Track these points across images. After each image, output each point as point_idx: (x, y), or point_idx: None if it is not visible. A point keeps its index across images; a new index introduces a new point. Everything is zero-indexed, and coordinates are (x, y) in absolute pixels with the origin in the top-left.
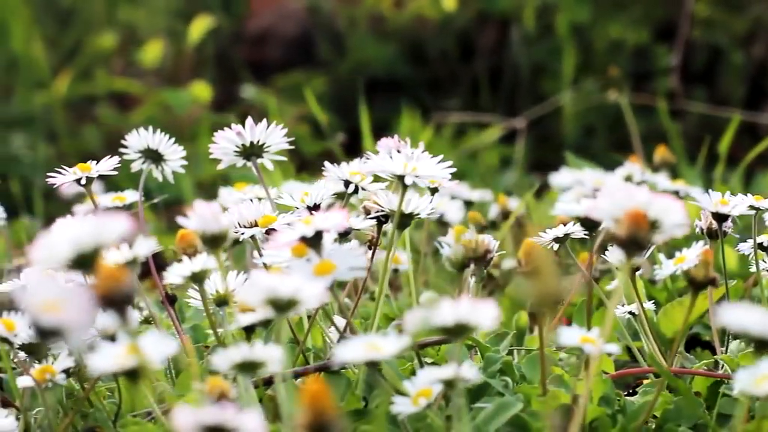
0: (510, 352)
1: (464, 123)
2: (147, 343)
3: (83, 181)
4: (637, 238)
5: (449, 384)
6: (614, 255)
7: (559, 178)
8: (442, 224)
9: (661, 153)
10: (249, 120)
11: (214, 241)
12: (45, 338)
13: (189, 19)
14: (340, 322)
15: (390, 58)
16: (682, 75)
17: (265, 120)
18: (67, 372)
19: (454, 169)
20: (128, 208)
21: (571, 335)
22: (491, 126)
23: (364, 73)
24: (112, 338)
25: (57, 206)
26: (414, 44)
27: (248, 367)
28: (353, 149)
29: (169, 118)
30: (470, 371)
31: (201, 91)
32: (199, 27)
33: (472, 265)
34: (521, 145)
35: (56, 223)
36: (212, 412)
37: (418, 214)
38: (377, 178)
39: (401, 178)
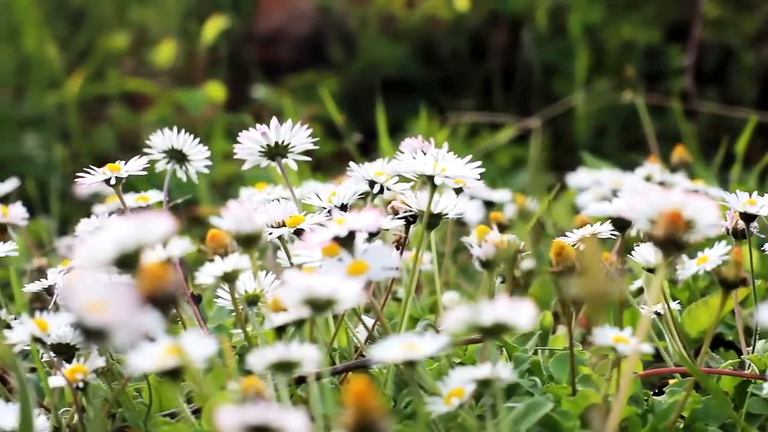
0: (535, 352)
1: (477, 123)
2: (187, 343)
3: (112, 182)
4: (674, 238)
5: (485, 384)
6: (640, 255)
7: (576, 178)
8: (460, 224)
9: (679, 153)
10: (274, 120)
11: (248, 241)
12: (90, 338)
13: (199, 19)
14: (368, 322)
15: (401, 58)
16: (694, 75)
17: (287, 121)
18: (97, 372)
19: (482, 170)
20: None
21: (604, 335)
22: (505, 126)
23: (375, 73)
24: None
25: (72, 207)
26: (425, 44)
27: (284, 367)
28: (366, 149)
29: (182, 118)
30: (505, 371)
31: (215, 91)
32: (214, 27)
33: (502, 265)
34: (536, 145)
35: (81, 223)
36: (256, 411)
37: (446, 214)
38: (402, 179)
39: (431, 178)
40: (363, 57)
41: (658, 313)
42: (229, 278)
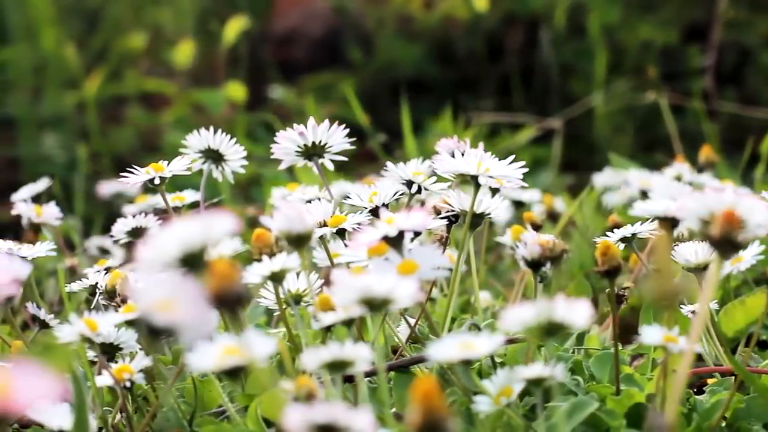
0: (572, 352)
1: (497, 123)
2: (248, 343)
3: (156, 181)
4: (730, 238)
5: (536, 383)
6: (680, 255)
7: (602, 178)
8: (489, 224)
9: (705, 153)
10: (311, 120)
11: (299, 241)
12: (158, 337)
13: (215, 20)
14: (410, 321)
15: (418, 58)
16: (715, 75)
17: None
18: (144, 371)
19: (526, 170)
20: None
21: (653, 334)
22: (524, 126)
23: (391, 73)
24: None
25: (94, 206)
26: (442, 44)
27: (338, 366)
28: (386, 149)
29: (200, 118)
30: (558, 371)
31: (235, 91)
32: (234, 27)
33: (548, 265)
34: (558, 145)
35: (117, 223)
36: (324, 410)
37: (488, 214)
38: (440, 179)
39: (475, 178)
40: (379, 57)
41: (694, 313)
42: (277, 278)
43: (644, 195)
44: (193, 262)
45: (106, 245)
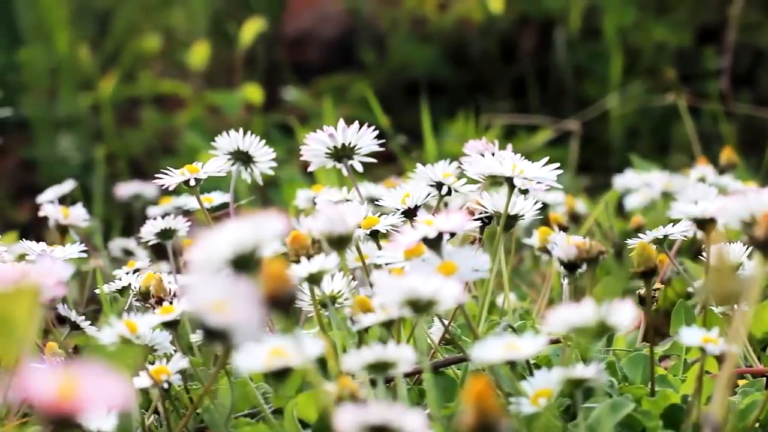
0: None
1: (512, 125)
2: (294, 344)
3: (192, 183)
4: None
5: (577, 384)
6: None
7: (623, 179)
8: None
9: (726, 155)
10: (341, 122)
11: (340, 242)
12: (212, 339)
13: (228, 21)
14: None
15: (431, 60)
16: (731, 77)
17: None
18: (181, 373)
19: (560, 171)
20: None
21: (692, 335)
22: (540, 128)
23: (405, 75)
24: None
25: (111, 208)
26: (455, 46)
27: (381, 367)
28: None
29: (215, 120)
30: (599, 371)
31: (252, 93)
32: (251, 29)
33: (584, 266)
34: (575, 147)
35: (146, 225)
36: (376, 411)
37: (522, 216)
38: (470, 180)
39: (510, 180)
40: (393, 58)
41: (724, 314)
42: (314, 279)
43: (666, 197)
44: (244, 263)
45: (129, 247)
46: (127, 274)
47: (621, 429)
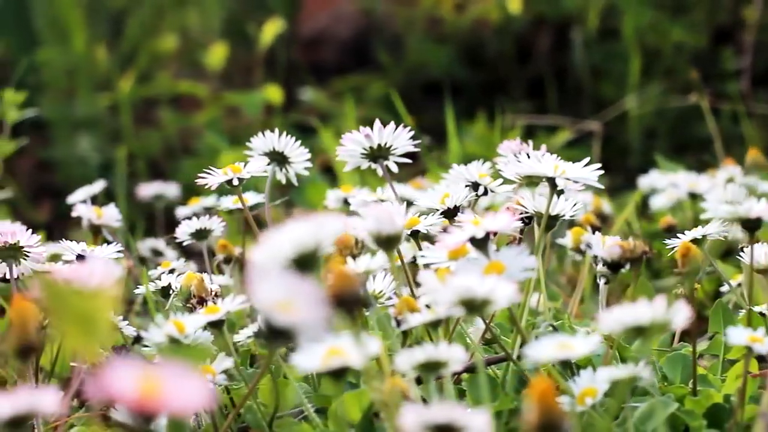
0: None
1: (531, 125)
2: (350, 344)
3: (235, 182)
4: None
5: (624, 383)
6: (751, 256)
7: (648, 179)
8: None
9: (752, 155)
10: (377, 122)
11: (389, 242)
12: (277, 338)
13: (243, 22)
14: (480, 324)
15: (447, 60)
16: (751, 78)
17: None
18: (226, 372)
19: (601, 172)
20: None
21: (738, 335)
22: (559, 129)
23: (421, 75)
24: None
25: (132, 208)
26: (471, 47)
27: (432, 367)
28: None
29: (232, 120)
30: (645, 371)
31: (272, 93)
32: (271, 30)
33: (627, 266)
34: (597, 147)
35: (181, 225)
36: (441, 411)
37: (563, 216)
38: (506, 181)
39: (552, 180)
40: (409, 59)
41: (763, 314)
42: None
43: (693, 197)
44: (305, 263)
45: (158, 247)
46: (163, 274)
47: (667, 429)
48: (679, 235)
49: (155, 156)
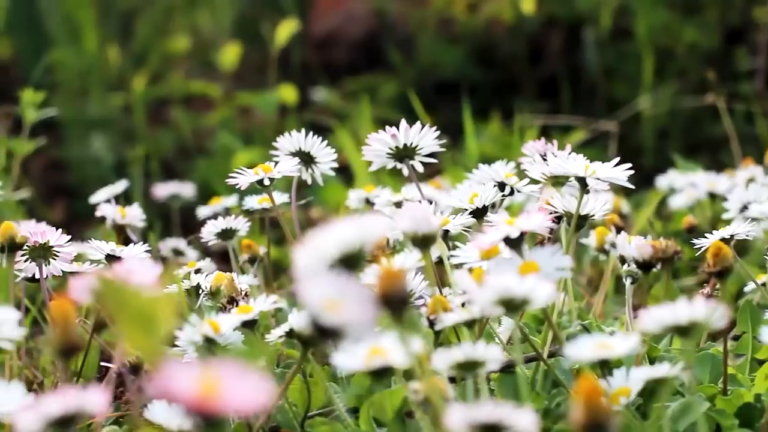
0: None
1: (545, 125)
2: (391, 343)
3: (266, 182)
4: None
5: (660, 382)
6: None
7: (666, 179)
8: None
9: None
10: (403, 122)
11: (424, 242)
12: (325, 337)
13: (254, 22)
14: (508, 323)
15: (459, 60)
16: (766, 78)
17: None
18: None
19: (632, 172)
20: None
21: None
22: (574, 129)
23: (433, 75)
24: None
25: (147, 208)
26: (483, 47)
27: (469, 366)
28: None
29: (245, 120)
30: (682, 371)
31: (287, 93)
32: (285, 30)
33: (658, 266)
34: (613, 147)
35: (207, 225)
36: (487, 410)
37: (593, 215)
38: (532, 181)
39: (582, 180)
40: (420, 59)
41: None
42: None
43: (712, 197)
44: (350, 262)
45: (180, 247)
46: (189, 273)
47: (694, 428)
48: (706, 235)
49: (168, 156)
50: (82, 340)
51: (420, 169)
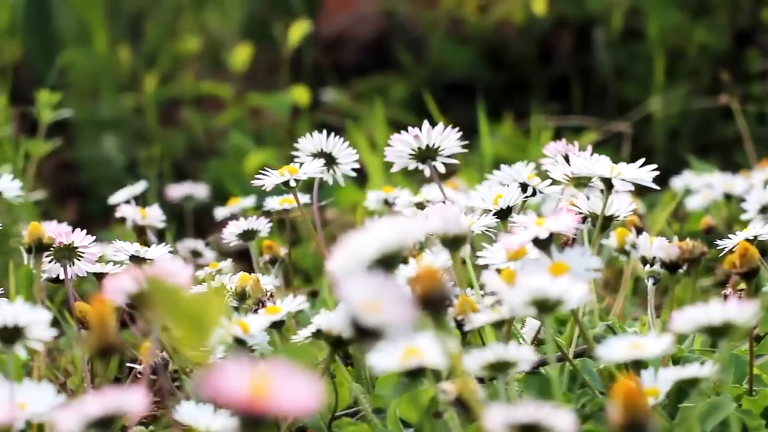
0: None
1: (556, 126)
2: (426, 344)
3: (292, 183)
4: None
5: (692, 383)
6: None
7: (682, 181)
8: None
9: None
10: (426, 123)
11: (455, 243)
12: (365, 338)
13: (264, 23)
14: (533, 324)
15: (469, 61)
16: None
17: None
18: None
19: (657, 173)
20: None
21: None
22: (586, 130)
23: (443, 76)
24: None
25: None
26: (494, 48)
27: (501, 367)
28: None
29: (255, 121)
30: (712, 370)
31: (300, 94)
32: (298, 31)
33: (685, 267)
34: (627, 148)
35: (229, 226)
36: (526, 410)
37: (617, 217)
38: (554, 181)
39: (607, 181)
40: (431, 60)
41: None
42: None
43: (727, 198)
44: (388, 263)
45: (198, 248)
46: (213, 274)
47: (724, 428)
48: (729, 236)
49: (178, 156)
50: (120, 342)
51: (442, 170)
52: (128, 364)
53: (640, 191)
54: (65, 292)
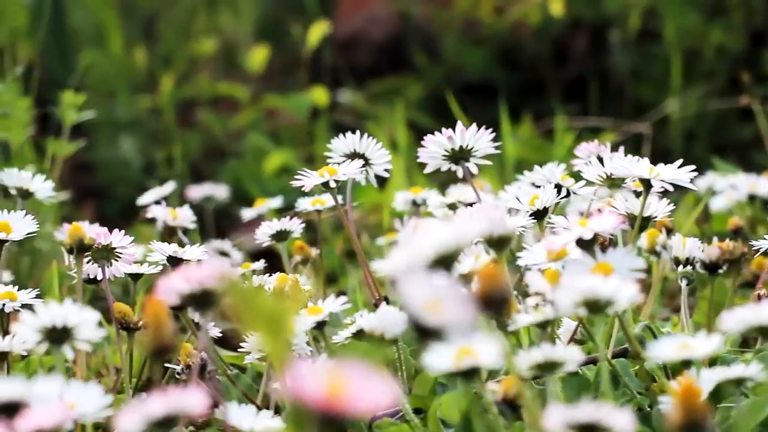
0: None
1: (572, 127)
2: (480, 345)
3: (332, 184)
4: None
5: (738, 383)
6: None
7: (705, 181)
8: None
9: None
10: (459, 124)
11: (500, 243)
12: (426, 338)
13: (278, 24)
14: (569, 324)
15: (484, 62)
16: None
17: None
18: None
19: (695, 174)
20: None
21: None
22: (603, 131)
23: (458, 77)
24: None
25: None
26: (509, 49)
27: (549, 367)
28: None
29: (271, 122)
30: (756, 370)
31: (319, 95)
32: (317, 32)
33: (725, 267)
34: (647, 149)
35: (261, 227)
36: (586, 410)
37: (655, 218)
38: (588, 183)
39: (646, 182)
40: (445, 61)
41: None
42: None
43: (752, 199)
44: (446, 263)
45: (225, 248)
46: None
47: (761, 429)
48: (765, 237)
49: (195, 157)
50: (176, 341)
51: (474, 171)
52: (166, 365)
53: (661, 193)
54: (90, 292)
